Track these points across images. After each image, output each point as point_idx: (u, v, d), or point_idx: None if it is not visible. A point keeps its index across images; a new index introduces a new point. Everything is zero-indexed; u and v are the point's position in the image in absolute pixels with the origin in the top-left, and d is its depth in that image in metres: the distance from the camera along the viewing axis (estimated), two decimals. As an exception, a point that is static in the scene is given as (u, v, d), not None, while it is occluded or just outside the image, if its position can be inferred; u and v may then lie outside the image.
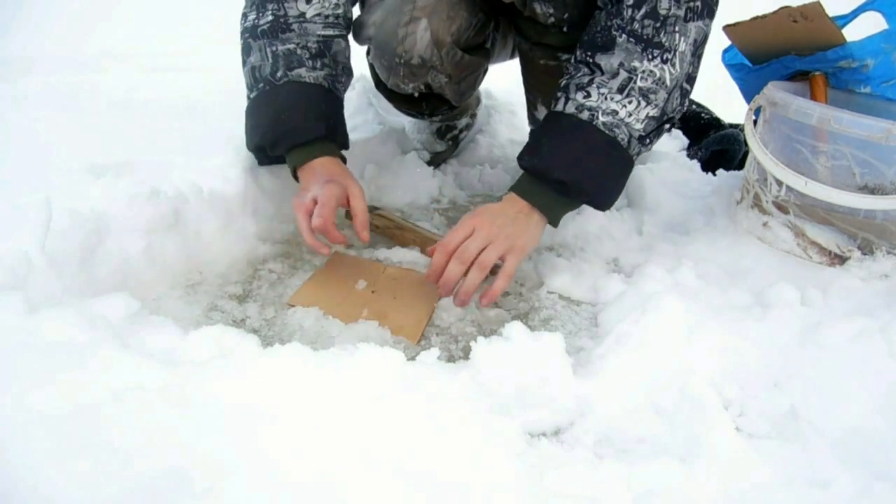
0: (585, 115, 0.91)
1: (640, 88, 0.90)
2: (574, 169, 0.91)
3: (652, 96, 0.91)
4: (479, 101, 1.63)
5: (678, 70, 0.92)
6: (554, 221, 0.97)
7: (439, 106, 1.29)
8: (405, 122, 1.60)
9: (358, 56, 1.32)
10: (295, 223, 0.99)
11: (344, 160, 1.06)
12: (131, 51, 2.29)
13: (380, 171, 1.41)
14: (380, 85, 1.28)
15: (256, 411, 0.60)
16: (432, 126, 1.53)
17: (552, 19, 1.03)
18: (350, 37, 1.17)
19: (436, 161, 1.52)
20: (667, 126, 0.97)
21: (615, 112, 0.90)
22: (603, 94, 0.91)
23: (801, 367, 0.82)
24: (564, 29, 1.04)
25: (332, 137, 1.04)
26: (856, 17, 1.13)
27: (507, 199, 0.95)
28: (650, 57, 0.90)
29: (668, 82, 0.92)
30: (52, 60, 2.04)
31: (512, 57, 1.41)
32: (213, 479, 0.53)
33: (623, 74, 0.90)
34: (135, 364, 0.63)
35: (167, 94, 1.70)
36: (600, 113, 0.90)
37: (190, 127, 1.46)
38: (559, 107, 0.94)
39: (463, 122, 1.57)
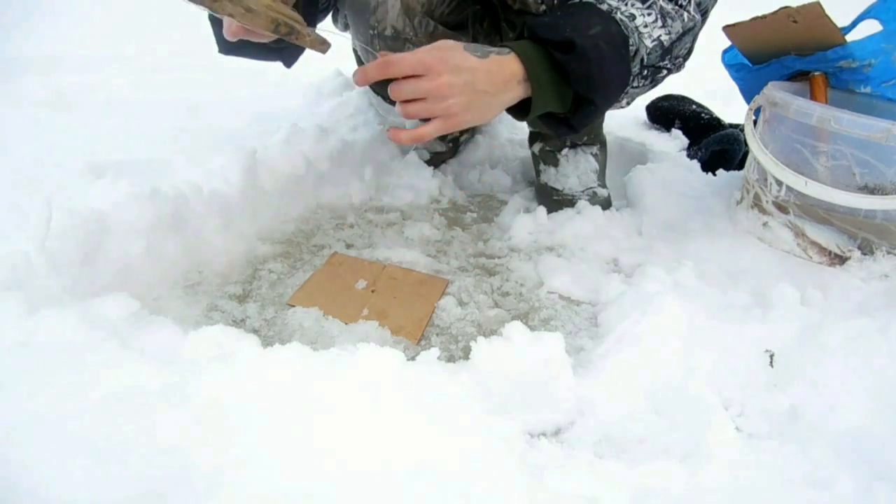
0: (605, 6, 0.87)
1: (662, 7, 0.89)
2: (587, 38, 0.82)
3: (669, 20, 0.89)
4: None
5: (692, 15, 0.92)
6: (536, 101, 0.85)
7: None
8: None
9: (348, 57, 1.32)
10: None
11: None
12: (131, 51, 2.29)
13: (380, 171, 1.41)
14: None
15: (256, 411, 0.60)
16: (432, 126, 1.53)
17: (543, 6, 1.03)
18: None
19: (435, 161, 1.52)
20: (662, 73, 0.94)
21: (633, 16, 0.87)
22: (624, 0, 0.88)
23: (801, 367, 0.82)
24: None
25: None
26: (854, 26, 1.13)
27: (494, 59, 0.81)
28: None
29: (685, 19, 0.90)
30: (52, 60, 2.05)
31: None
32: (214, 479, 0.53)
33: None
34: (135, 364, 0.63)
35: (167, 94, 1.70)
36: (618, 12, 0.87)
37: (190, 127, 1.46)
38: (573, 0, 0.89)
39: (463, 122, 1.57)
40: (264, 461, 0.56)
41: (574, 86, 0.85)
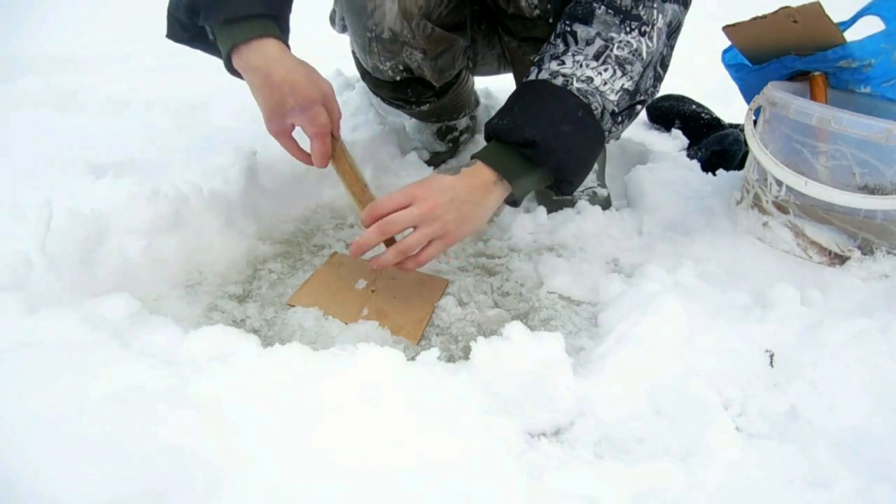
0: (559, 80, 0.88)
1: (617, 57, 0.88)
2: (546, 129, 0.86)
3: (628, 67, 0.89)
4: (477, 102, 1.63)
5: (654, 45, 0.91)
6: (518, 193, 0.91)
7: (424, 92, 1.28)
8: (405, 122, 1.60)
9: (348, 57, 1.32)
10: (285, 151, 0.96)
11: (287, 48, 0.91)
12: (131, 51, 2.29)
13: (380, 172, 1.41)
14: (365, 76, 1.28)
15: (256, 411, 0.60)
16: (432, 127, 1.53)
17: (537, 11, 1.03)
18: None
19: (435, 161, 1.52)
20: (638, 107, 0.95)
21: (590, 79, 0.88)
22: (578, 62, 0.88)
23: (801, 367, 0.82)
24: (550, 20, 1.03)
25: (278, 22, 0.89)
26: (854, 22, 1.13)
27: (466, 171, 0.88)
28: (628, 29, 0.89)
29: (644, 55, 0.90)
30: (51, 60, 2.05)
31: (500, 70, 1.41)
32: (214, 479, 0.53)
33: (599, 42, 0.89)
34: (135, 364, 0.63)
35: (167, 94, 1.70)
36: (575, 79, 0.87)
37: (190, 127, 1.46)
38: (532, 77, 0.91)
39: (463, 123, 1.57)
40: (264, 461, 0.56)
41: (550, 172, 0.90)
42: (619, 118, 0.92)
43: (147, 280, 0.95)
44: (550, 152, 0.87)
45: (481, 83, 1.72)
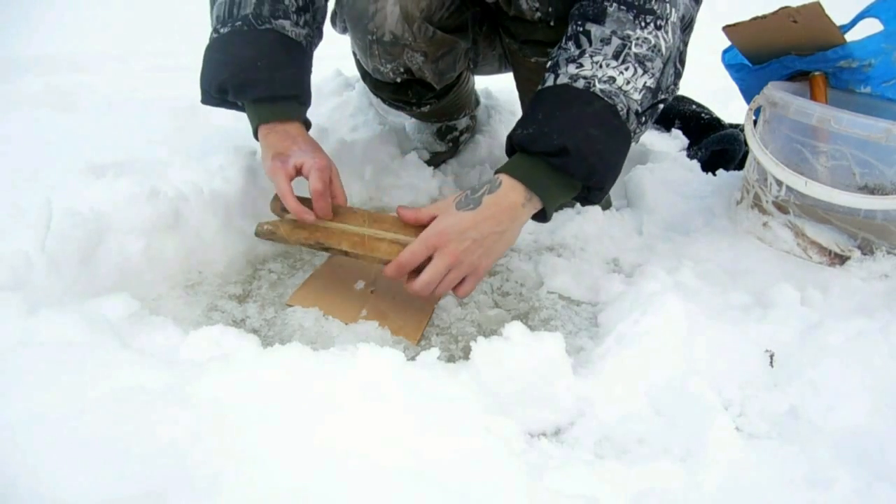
0: (581, 83, 0.84)
1: (636, 55, 0.85)
2: (576, 134, 0.82)
3: (648, 64, 0.86)
4: (477, 101, 1.63)
5: (671, 39, 0.88)
6: (549, 208, 0.87)
7: (424, 94, 1.28)
8: (405, 122, 1.60)
9: (348, 57, 1.32)
10: (275, 189, 0.95)
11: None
12: (131, 51, 2.29)
13: (380, 172, 1.41)
14: (366, 77, 1.28)
15: (256, 411, 0.60)
16: (432, 127, 1.53)
17: (538, 14, 1.02)
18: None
19: (435, 161, 1.52)
20: (659, 107, 0.92)
21: (612, 79, 0.84)
22: (597, 63, 0.85)
23: (801, 367, 0.82)
24: (551, 23, 1.03)
25: (304, 103, 1.00)
26: (854, 25, 1.13)
27: (488, 201, 0.84)
28: (643, 24, 0.86)
29: (663, 50, 0.87)
30: (52, 60, 2.04)
31: (501, 69, 1.41)
32: (213, 480, 0.53)
33: (616, 41, 0.85)
34: (135, 364, 0.63)
35: (167, 94, 1.70)
36: (597, 81, 0.84)
37: (190, 127, 1.46)
38: (549, 83, 0.87)
39: (463, 123, 1.57)
40: (264, 461, 0.56)
41: (579, 181, 0.86)
42: (643, 118, 0.89)
43: (147, 280, 0.95)
44: (583, 159, 0.82)
45: (481, 83, 1.71)
